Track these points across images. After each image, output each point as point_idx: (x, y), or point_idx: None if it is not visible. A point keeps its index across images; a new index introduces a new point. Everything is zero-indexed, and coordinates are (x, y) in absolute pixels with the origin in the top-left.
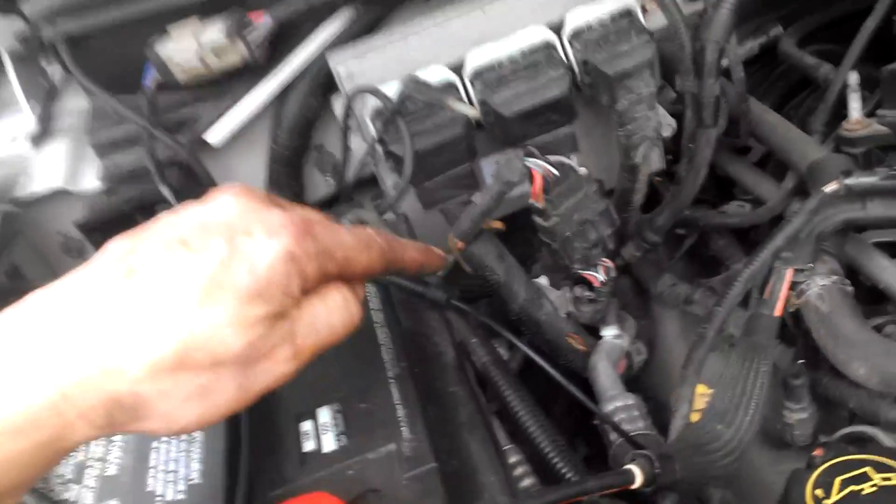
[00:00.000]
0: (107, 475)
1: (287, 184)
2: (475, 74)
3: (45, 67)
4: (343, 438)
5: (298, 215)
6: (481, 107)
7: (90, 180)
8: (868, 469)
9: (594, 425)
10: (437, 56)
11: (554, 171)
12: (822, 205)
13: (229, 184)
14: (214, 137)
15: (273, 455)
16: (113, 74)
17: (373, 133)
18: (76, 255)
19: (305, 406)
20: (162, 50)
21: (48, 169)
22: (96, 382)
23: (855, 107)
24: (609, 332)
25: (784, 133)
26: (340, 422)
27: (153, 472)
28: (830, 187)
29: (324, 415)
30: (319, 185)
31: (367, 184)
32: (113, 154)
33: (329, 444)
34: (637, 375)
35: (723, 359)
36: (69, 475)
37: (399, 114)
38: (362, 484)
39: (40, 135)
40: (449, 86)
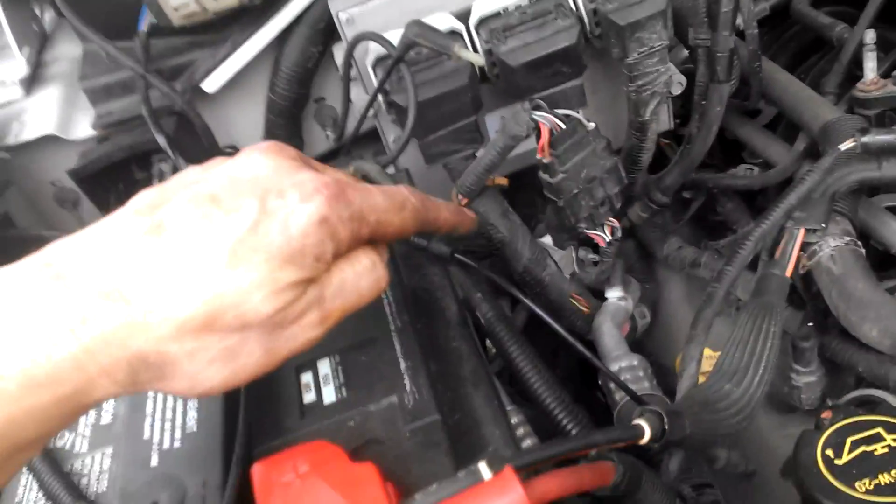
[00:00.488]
0: (102, 423)
1: (285, 137)
2: (481, 23)
3: (37, 12)
4: (344, 390)
5: (332, 177)
6: (487, 57)
7: (83, 128)
8: (880, 430)
9: (595, 394)
10: (443, 3)
11: (561, 125)
12: (837, 163)
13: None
14: (211, 85)
15: (273, 406)
16: (107, 20)
17: (375, 83)
18: (70, 208)
19: (305, 357)
20: None
21: (40, 115)
22: (121, 339)
23: (871, 66)
24: (613, 294)
25: (796, 93)
26: (341, 374)
27: (150, 421)
28: (846, 145)
29: (324, 367)
30: (319, 140)
31: (369, 138)
32: (107, 101)
33: (330, 396)
34: (640, 340)
35: (730, 322)
36: None
37: (403, 61)
38: (364, 435)
39: (32, 80)
40: (454, 34)
